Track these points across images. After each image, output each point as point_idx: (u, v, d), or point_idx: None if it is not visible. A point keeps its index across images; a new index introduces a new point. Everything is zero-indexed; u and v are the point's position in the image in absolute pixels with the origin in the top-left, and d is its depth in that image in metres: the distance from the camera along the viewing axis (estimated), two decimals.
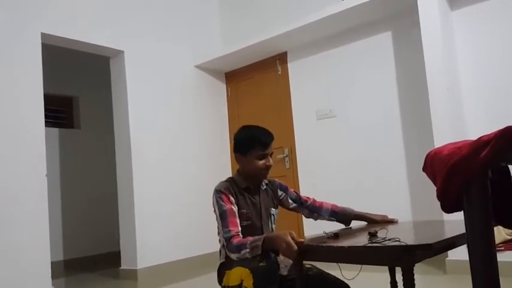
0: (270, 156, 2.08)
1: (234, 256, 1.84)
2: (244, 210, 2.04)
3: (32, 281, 3.47)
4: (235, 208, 1.99)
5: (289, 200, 2.23)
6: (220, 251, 2.05)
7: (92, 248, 5.76)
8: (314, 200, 2.26)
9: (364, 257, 1.53)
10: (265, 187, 2.17)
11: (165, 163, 4.62)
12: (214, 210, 2.01)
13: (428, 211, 3.18)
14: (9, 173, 3.48)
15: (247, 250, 1.77)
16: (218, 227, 2.00)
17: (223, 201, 1.98)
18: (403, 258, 1.38)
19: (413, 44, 3.81)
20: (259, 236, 1.80)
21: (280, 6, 4.87)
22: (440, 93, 3.34)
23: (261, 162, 2.05)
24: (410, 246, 1.36)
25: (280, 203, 2.22)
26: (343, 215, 2.25)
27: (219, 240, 2.02)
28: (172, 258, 4.48)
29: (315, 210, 2.23)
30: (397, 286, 2.09)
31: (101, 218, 5.79)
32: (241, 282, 1.82)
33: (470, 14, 3.55)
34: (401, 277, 1.40)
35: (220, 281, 2.00)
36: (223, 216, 1.94)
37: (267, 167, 2.07)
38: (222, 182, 2.10)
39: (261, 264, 1.78)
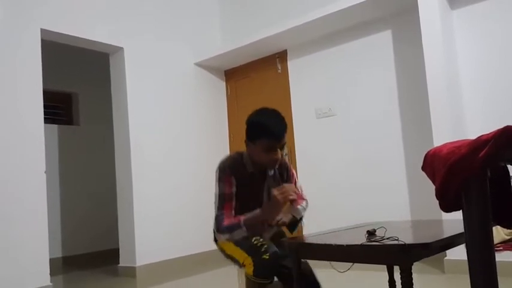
0: (281, 149, 1.98)
1: (223, 237, 1.95)
2: (245, 195, 2.00)
3: (31, 277, 3.47)
4: (234, 190, 1.98)
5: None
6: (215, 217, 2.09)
7: (90, 245, 5.76)
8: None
9: (362, 256, 1.53)
10: (272, 173, 2.11)
11: (164, 160, 4.62)
12: (215, 185, 2.01)
13: (427, 210, 3.17)
14: (8, 169, 3.48)
15: (244, 229, 1.90)
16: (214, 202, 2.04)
17: (223, 183, 1.97)
18: (401, 257, 1.38)
19: (413, 42, 3.80)
20: (251, 215, 1.92)
21: (280, 4, 4.86)
22: (440, 92, 3.33)
23: (268, 154, 1.96)
24: (409, 245, 1.36)
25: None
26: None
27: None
28: (171, 256, 4.48)
29: None
30: (395, 285, 2.09)
31: (100, 215, 5.78)
32: (243, 264, 1.92)
33: (471, 13, 3.54)
34: (400, 276, 1.40)
35: (216, 240, 2.07)
36: (220, 198, 1.97)
37: (274, 161, 1.98)
38: (230, 156, 2.06)
39: (264, 257, 1.84)
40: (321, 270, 2.16)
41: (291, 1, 4.75)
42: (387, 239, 1.47)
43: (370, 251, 1.48)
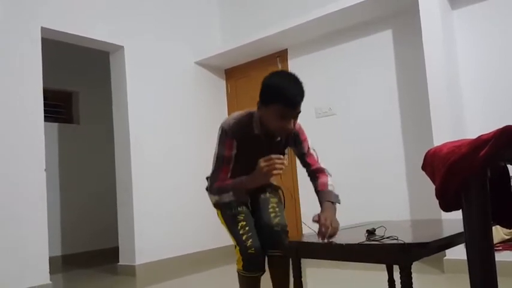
0: (295, 118, 1.85)
1: (213, 199, 2.00)
2: (246, 157, 1.91)
3: (30, 276, 3.47)
4: (234, 152, 1.93)
5: (295, 151, 2.11)
6: (206, 178, 2.09)
7: (90, 243, 5.76)
8: (316, 170, 2.07)
9: (361, 255, 1.53)
10: (279, 138, 2.00)
11: (164, 159, 4.62)
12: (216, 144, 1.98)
13: (427, 209, 3.17)
14: (8, 167, 3.48)
15: (230, 194, 1.92)
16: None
17: (223, 146, 1.92)
18: (400, 257, 1.38)
19: (414, 42, 3.80)
20: (239, 181, 1.90)
21: (280, 3, 4.86)
22: (440, 91, 3.33)
23: (280, 122, 1.83)
24: (408, 244, 1.36)
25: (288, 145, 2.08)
26: (319, 197, 2.02)
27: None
28: (170, 255, 4.48)
29: (311, 179, 2.12)
30: (394, 285, 2.09)
31: (100, 213, 5.79)
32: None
33: (471, 13, 3.54)
34: (399, 276, 1.40)
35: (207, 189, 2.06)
36: (218, 160, 1.94)
37: (285, 130, 1.86)
38: (237, 119, 1.93)
39: (250, 251, 1.91)
40: (322, 269, 2.16)
41: (292, 0, 4.74)
42: (387, 238, 1.48)
43: (370, 250, 1.49)
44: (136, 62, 4.52)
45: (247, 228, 1.97)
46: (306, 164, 2.11)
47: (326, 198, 1.96)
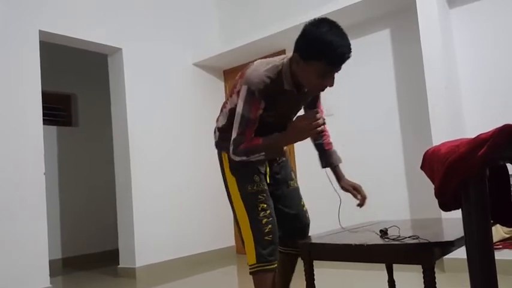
0: (334, 75, 1.68)
1: (237, 158, 1.78)
2: (273, 115, 1.79)
3: (30, 279, 3.47)
4: (260, 112, 1.74)
5: (308, 103, 2.03)
6: (215, 131, 2.04)
7: (90, 246, 5.75)
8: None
9: (382, 255, 1.50)
10: (306, 90, 1.84)
11: (163, 161, 4.62)
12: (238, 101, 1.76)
13: (426, 209, 3.18)
14: (8, 171, 3.47)
15: (262, 154, 1.72)
16: (227, 106, 1.88)
17: (250, 106, 1.70)
18: (424, 256, 1.38)
19: (412, 41, 3.80)
20: (273, 140, 1.71)
21: (278, 4, 4.86)
22: (438, 91, 3.34)
23: (320, 80, 1.65)
24: (433, 243, 1.36)
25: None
26: (325, 157, 2.23)
27: (217, 120, 2.00)
28: (170, 257, 4.48)
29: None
30: (394, 285, 2.09)
31: (99, 216, 5.78)
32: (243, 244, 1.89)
33: (469, 11, 3.55)
34: (423, 275, 1.39)
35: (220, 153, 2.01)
36: (242, 121, 1.73)
37: (324, 87, 1.70)
38: (263, 74, 1.74)
39: (267, 238, 1.79)
40: (320, 269, 2.15)
41: (290, 1, 4.74)
42: (408, 237, 1.46)
43: (392, 250, 1.46)
44: (135, 64, 4.52)
45: (268, 211, 1.82)
46: None
47: (336, 161, 2.21)
